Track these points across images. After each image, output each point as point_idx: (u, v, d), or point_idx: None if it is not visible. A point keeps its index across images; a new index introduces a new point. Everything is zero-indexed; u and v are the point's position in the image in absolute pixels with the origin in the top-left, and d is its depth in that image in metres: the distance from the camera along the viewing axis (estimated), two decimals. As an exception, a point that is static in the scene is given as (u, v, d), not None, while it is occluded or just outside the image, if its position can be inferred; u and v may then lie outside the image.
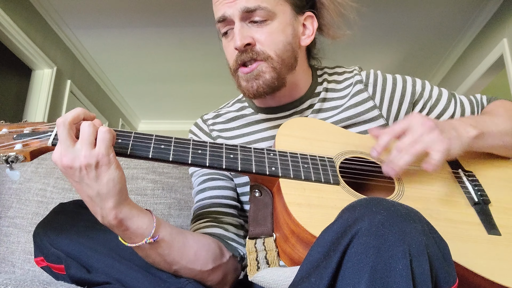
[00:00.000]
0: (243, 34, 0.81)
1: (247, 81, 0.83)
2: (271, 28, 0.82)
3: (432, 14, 3.29)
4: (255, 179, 0.75)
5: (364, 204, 0.54)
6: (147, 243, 0.68)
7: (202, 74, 4.20)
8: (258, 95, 0.84)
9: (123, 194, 0.66)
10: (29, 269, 1.17)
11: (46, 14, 3.28)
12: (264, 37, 0.82)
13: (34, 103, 3.32)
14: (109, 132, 0.63)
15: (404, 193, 0.75)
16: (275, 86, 0.84)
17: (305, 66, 0.93)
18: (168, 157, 0.68)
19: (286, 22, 0.84)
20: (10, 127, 0.68)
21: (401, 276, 0.47)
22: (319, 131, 0.84)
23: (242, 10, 0.80)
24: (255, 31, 0.82)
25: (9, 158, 0.63)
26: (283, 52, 0.83)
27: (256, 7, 0.80)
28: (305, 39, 0.89)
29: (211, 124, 0.98)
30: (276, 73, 0.83)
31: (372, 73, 0.95)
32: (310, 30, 0.90)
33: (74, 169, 0.62)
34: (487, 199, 0.78)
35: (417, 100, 0.93)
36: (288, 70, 0.85)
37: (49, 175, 1.28)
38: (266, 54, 0.82)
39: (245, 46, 0.81)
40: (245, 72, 0.83)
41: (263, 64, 0.82)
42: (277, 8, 0.83)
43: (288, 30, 0.84)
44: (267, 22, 0.82)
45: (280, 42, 0.83)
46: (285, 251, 0.69)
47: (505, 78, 3.09)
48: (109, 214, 0.65)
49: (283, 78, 0.84)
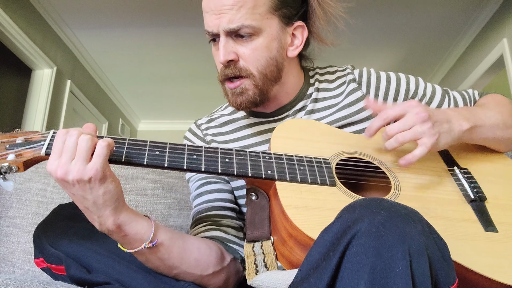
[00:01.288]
0: (227, 49, 0.82)
1: (232, 95, 0.86)
2: (255, 44, 0.82)
3: (432, 14, 3.29)
4: (252, 182, 0.75)
5: (363, 204, 0.54)
6: (146, 247, 0.68)
7: (202, 74, 4.19)
8: (242, 109, 0.87)
9: (120, 201, 0.66)
10: (29, 269, 1.17)
11: (46, 14, 3.28)
12: (247, 54, 0.82)
13: (34, 103, 3.32)
14: (106, 147, 0.63)
15: (400, 192, 0.75)
16: (258, 101, 0.86)
17: (295, 71, 0.93)
18: (163, 164, 0.68)
19: (272, 36, 0.83)
20: (2, 137, 0.66)
21: (400, 277, 0.47)
22: (314, 132, 0.84)
23: (225, 30, 0.81)
24: (239, 47, 0.83)
25: (2, 168, 0.61)
26: (265, 68, 0.84)
27: (240, 26, 0.80)
28: (292, 50, 0.88)
29: (204, 128, 0.98)
30: (259, 89, 0.85)
31: (365, 71, 0.95)
32: (299, 40, 0.88)
33: (68, 182, 0.62)
34: (483, 196, 0.78)
35: (411, 98, 0.93)
36: (271, 83, 0.86)
37: (49, 175, 1.28)
38: (249, 71, 0.83)
39: (228, 62, 0.83)
40: (231, 88, 0.85)
41: (247, 81, 0.84)
42: (263, 22, 0.82)
43: (274, 45, 0.84)
44: (252, 37, 0.82)
45: (263, 58, 0.83)
46: (283, 254, 0.69)
47: (505, 78, 3.09)
48: (107, 221, 0.65)
49: (266, 93, 0.86)
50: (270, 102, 0.90)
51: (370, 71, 0.95)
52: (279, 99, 0.91)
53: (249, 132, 0.94)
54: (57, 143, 0.62)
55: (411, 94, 0.93)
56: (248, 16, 0.80)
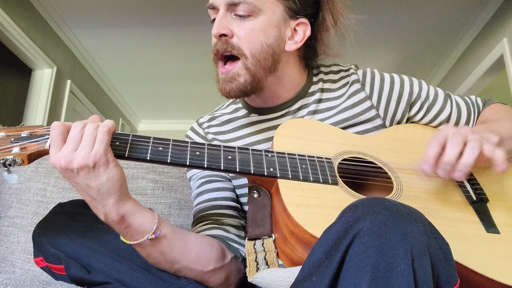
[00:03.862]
0: (222, 24, 0.81)
1: (223, 82, 0.83)
2: (252, 25, 0.81)
3: (432, 14, 3.29)
4: (254, 180, 0.75)
5: (366, 203, 0.54)
6: (149, 239, 0.68)
7: (202, 73, 4.19)
8: (230, 97, 0.84)
9: (124, 190, 0.67)
10: (29, 269, 1.16)
11: (46, 14, 3.28)
12: (242, 33, 0.81)
13: (34, 103, 3.32)
14: (107, 133, 0.64)
15: (402, 192, 0.75)
16: (248, 90, 0.83)
17: (295, 68, 0.91)
18: (166, 159, 0.68)
19: (271, 22, 0.82)
20: (8, 131, 0.68)
21: (402, 276, 0.47)
22: (316, 132, 0.84)
23: (227, 2, 0.80)
24: (236, 25, 0.81)
25: (7, 161, 0.63)
26: (260, 53, 0.81)
27: (241, 0, 0.79)
28: (291, 44, 0.85)
29: (206, 127, 0.98)
30: (251, 75, 0.82)
31: (369, 71, 0.95)
32: (300, 37, 0.86)
33: (72, 171, 0.62)
34: (485, 198, 0.78)
35: (414, 101, 0.93)
36: (265, 73, 0.83)
37: (49, 175, 1.28)
38: (241, 51, 0.81)
39: (221, 35, 0.81)
40: (222, 72, 0.83)
41: (238, 65, 0.81)
42: (266, 5, 0.81)
43: (272, 31, 0.82)
44: (250, 17, 0.80)
45: (258, 41, 0.81)
46: (284, 252, 0.69)
47: (505, 78, 3.09)
48: (111, 211, 0.65)
49: (258, 81, 0.83)
50: (267, 96, 0.89)
51: (374, 72, 0.95)
52: (277, 93, 0.90)
53: (250, 130, 0.94)
54: (53, 135, 0.64)
55: (414, 96, 0.93)
56: None
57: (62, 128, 0.64)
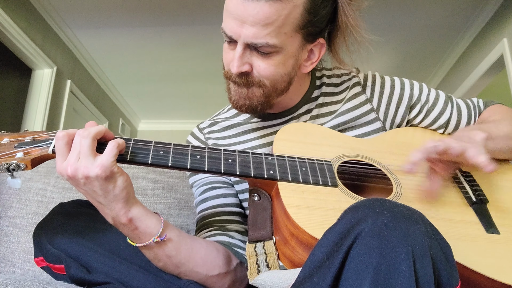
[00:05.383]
0: (242, 60, 0.78)
1: (235, 93, 0.82)
2: (273, 61, 0.78)
3: (432, 14, 3.29)
4: (254, 183, 0.75)
5: (367, 205, 0.54)
6: (154, 242, 0.69)
7: (202, 73, 4.20)
8: (239, 110, 0.85)
9: (131, 195, 0.68)
10: (29, 269, 1.16)
11: (46, 14, 3.28)
12: (263, 68, 0.78)
13: (34, 103, 3.31)
14: (116, 148, 0.65)
15: (402, 194, 0.76)
16: (258, 110, 0.84)
17: (301, 78, 0.91)
18: (167, 163, 0.69)
19: (290, 54, 0.79)
20: (11, 137, 0.70)
21: (404, 277, 0.47)
22: (316, 135, 0.85)
23: (247, 42, 0.76)
24: (255, 59, 0.78)
25: (11, 166, 0.64)
26: (279, 82, 0.82)
27: (264, 44, 0.75)
28: (307, 66, 0.85)
29: (207, 132, 0.98)
30: (266, 98, 0.82)
31: (370, 74, 0.95)
32: (316, 57, 0.85)
33: (78, 179, 0.64)
34: (485, 199, 0.78)
35: (414, 104, 0.93)
36: (278, 95, 0.84)
37: (49, 175, 1.28)
38: (262, 82, 0.80)
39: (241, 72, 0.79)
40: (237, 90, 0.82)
41: (256, 89, 0.81)
42: (287, 41, 0.77)
43: (290, 62, 0.80)
44: (270, 54, 0.78)
45: (277, 74, 0.80)
46: (285, 254, 0.69)
47: (505, 78, 3.09)
48: (119, 214, 0.67)
49: (270, 101, 0.84)
50: (275, 105, 0.89)
51: (375, 75, 0.95)
52: (282, 104, 0.91)
53: (252, 136, 0.94)
54: (58, 145, 0.65)
55: (414, 99, 0.93)
56: (274, 35, 0.74)
57: (67, 138, 0.65)
